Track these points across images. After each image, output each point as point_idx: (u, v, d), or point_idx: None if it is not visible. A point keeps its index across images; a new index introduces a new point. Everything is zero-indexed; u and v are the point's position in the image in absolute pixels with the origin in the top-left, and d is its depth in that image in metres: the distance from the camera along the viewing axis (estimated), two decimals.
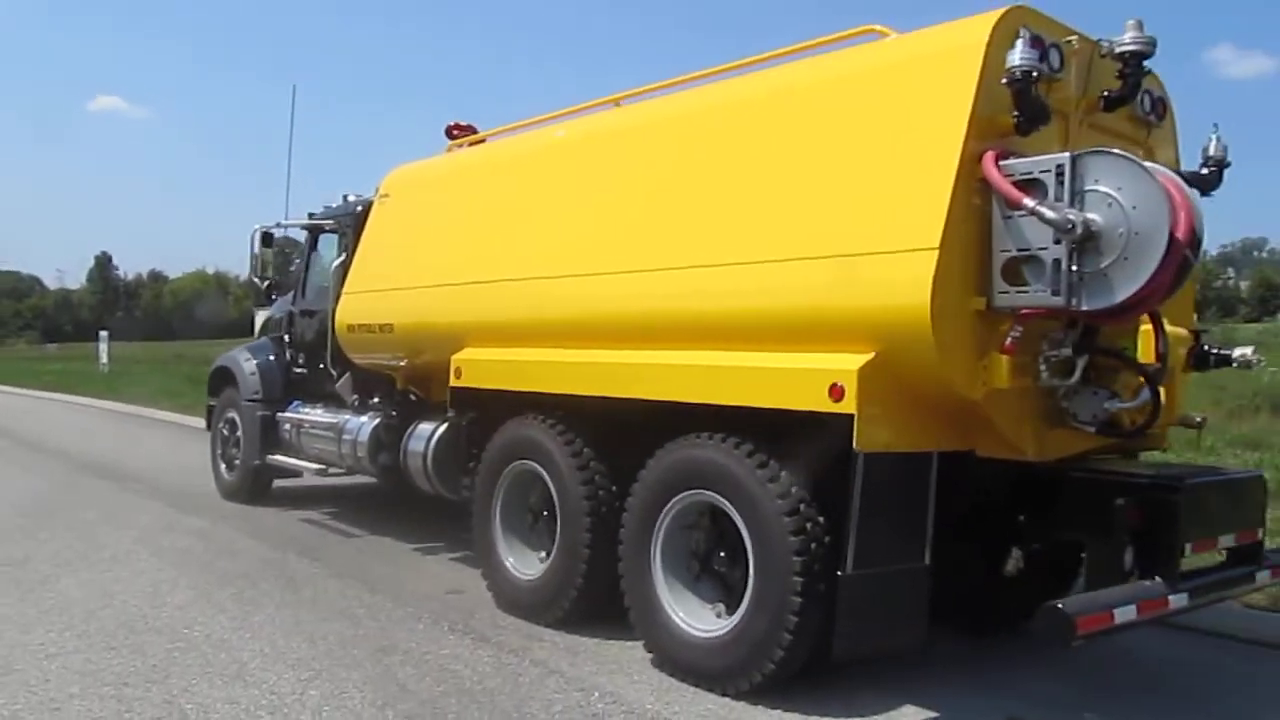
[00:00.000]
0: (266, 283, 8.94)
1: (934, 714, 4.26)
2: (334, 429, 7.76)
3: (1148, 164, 3.72)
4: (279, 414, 8.59)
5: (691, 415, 4.65)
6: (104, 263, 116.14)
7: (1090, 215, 3.69)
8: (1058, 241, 3.70)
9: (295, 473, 8.45)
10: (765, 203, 4.56)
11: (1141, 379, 4.20)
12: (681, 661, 4.59)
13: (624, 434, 5.09)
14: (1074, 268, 3.71)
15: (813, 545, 4.11)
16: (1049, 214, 3.67)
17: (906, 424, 4.08)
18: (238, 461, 9.13)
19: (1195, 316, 5.21)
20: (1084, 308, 3.73)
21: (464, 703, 4.26)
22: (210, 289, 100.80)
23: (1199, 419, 4.37)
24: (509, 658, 4.87)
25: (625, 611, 4.88)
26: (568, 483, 5.26)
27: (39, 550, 7.00)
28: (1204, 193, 4.98)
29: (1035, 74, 3.80)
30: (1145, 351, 4.30)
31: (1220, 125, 4.95)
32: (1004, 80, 3.85)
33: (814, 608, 4.08)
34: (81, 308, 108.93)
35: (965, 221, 3.88)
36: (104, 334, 37.01)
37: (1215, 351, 4.56)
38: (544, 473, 5.44)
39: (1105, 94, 4.44)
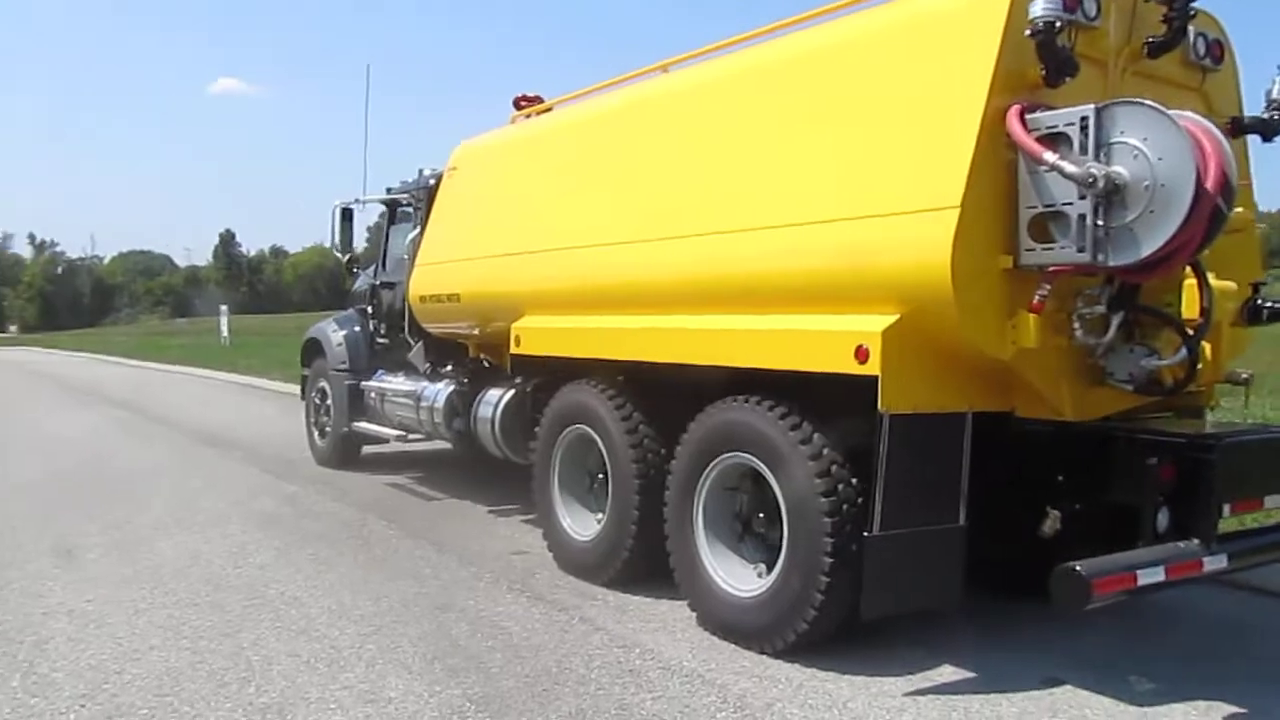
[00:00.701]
0: (348, 256, 9.30)
1: (971, 674, 4.26)
2: (413, 396, 8.06)
3: (1174, 112, 3.58)
4: (364, 383, 8.96)
5: (732, 379, 4.71)
6: (227, 240, 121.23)
7: (1116, 168, 3.59)
8: (1083, 197, 3.60)
9: (381, 439, 8.80)
10: (794, 166, 4.56)
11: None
12: (721, 620, 4.69)
13: (671, 399, 5.18)
14: (1100, 223, 3.62)
15: (845, 506, 4.14)
16: (1069, 168, 3.58)
17: (935, 385, 4.05)
18: (329, 429, 9.57)
19: (1262, 268, 4.99)
20: (1111, 264, 3.64)
21: (508, 657, 4.45)
22: (329, 262, 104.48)
23: (1244, 375, 4.19)
24: (559, 615, 5.05)
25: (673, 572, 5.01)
26: (618, 446, 5.39)
27: (141, 514, 7.50)
28: (1269, 137, 4.78)
29: (1058, 24, 3.69)
30: (1190, 306, 4.15)
31: None
32: (1027, 32, 3.74)
33: (846, 568, 4.11)
34: (208, 284, 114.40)
35: (991, 179, 3.82)
36: (224, 309, 38.86)
37: (1269, 305, 4.36)
38: (596, 437, 5.58)
39: (1149, 40, 4.27)
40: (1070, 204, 3.67)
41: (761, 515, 4.69)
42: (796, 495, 4.28)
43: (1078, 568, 3.44)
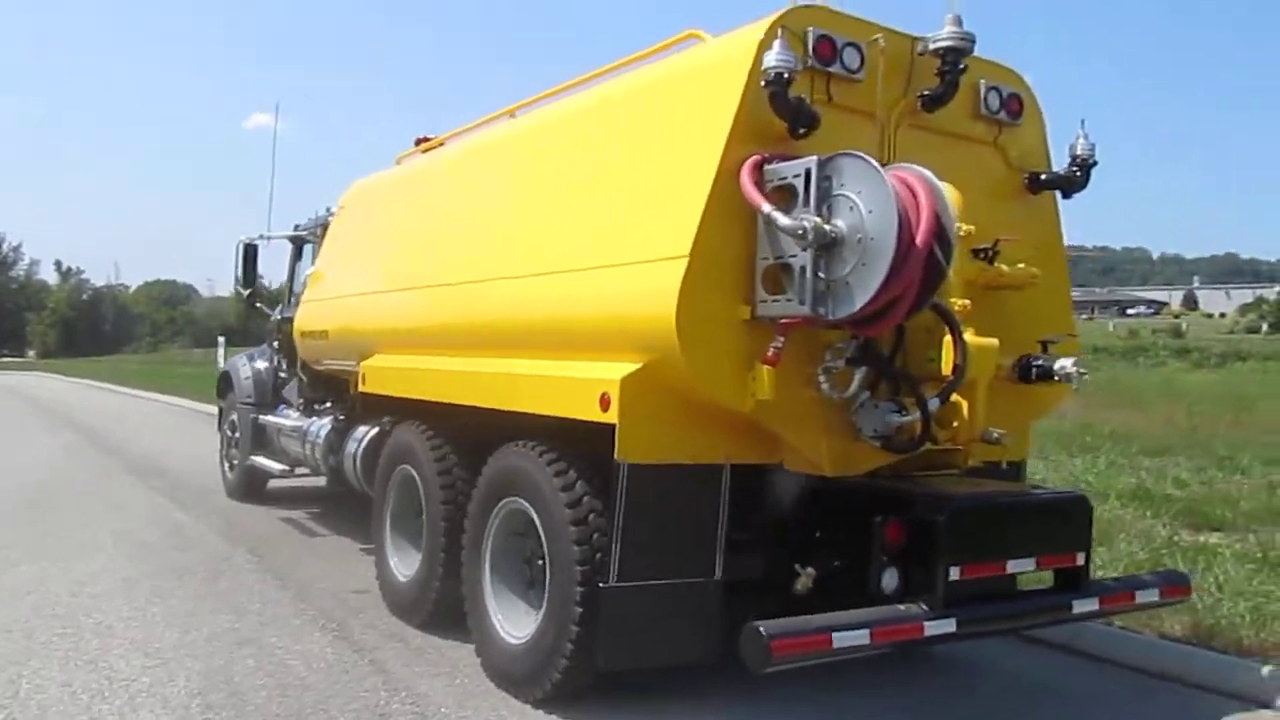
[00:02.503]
0: (249, 291, 9.39)
1: None
2: (299, 432, 8.09)
3: (881, 164, 3.57)
4: (263, 417, 9.00)
5: (521, 423, 4.69)
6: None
7: (836, 221, 3.57)
8: (805, 249, 3.59)
9: (271, 473, 8.81)
10: (571, 214, 4.62)
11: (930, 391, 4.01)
12: (496, 666, 4.63)
13: (482, 442, 5.16)
14: (821, 275, 3.60)
15: (597, 555, 4.09)
16: (782, 220, 3.58)
17: (685, 435, 4.01)
18: (236, 461, 9.60)
19: (1068, 322, 4.94)
20: (831, 316, 3.61)
21: (271, 695, 4.41)
22: None
23: (996, 435, 4.11)
24: (351, 656, 5.00)
25: None
26: (430, 487, 5.37)
27: (19, 538, 7.54)
28: (1069, 194, 4.76)
29: (787, 75, 3.69)
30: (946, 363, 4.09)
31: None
32: (761, 83, 3.76)
33: (594, 618, 4.05)
34: (229, 314, 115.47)
35: (727, 229, 3.81)
36: (221, 340, 39.16)
37: (1037, 365, 4.30)
38: (416, 477, 5.57)
39: (923, 94, 4.27)
40: (795, 256, 3.65)
41: (540, 562, 4.64)
42: (554, 541, 4.24)
43: (760, 627, 3.36)
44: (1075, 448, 11.98)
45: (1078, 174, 4.70)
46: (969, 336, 4.04)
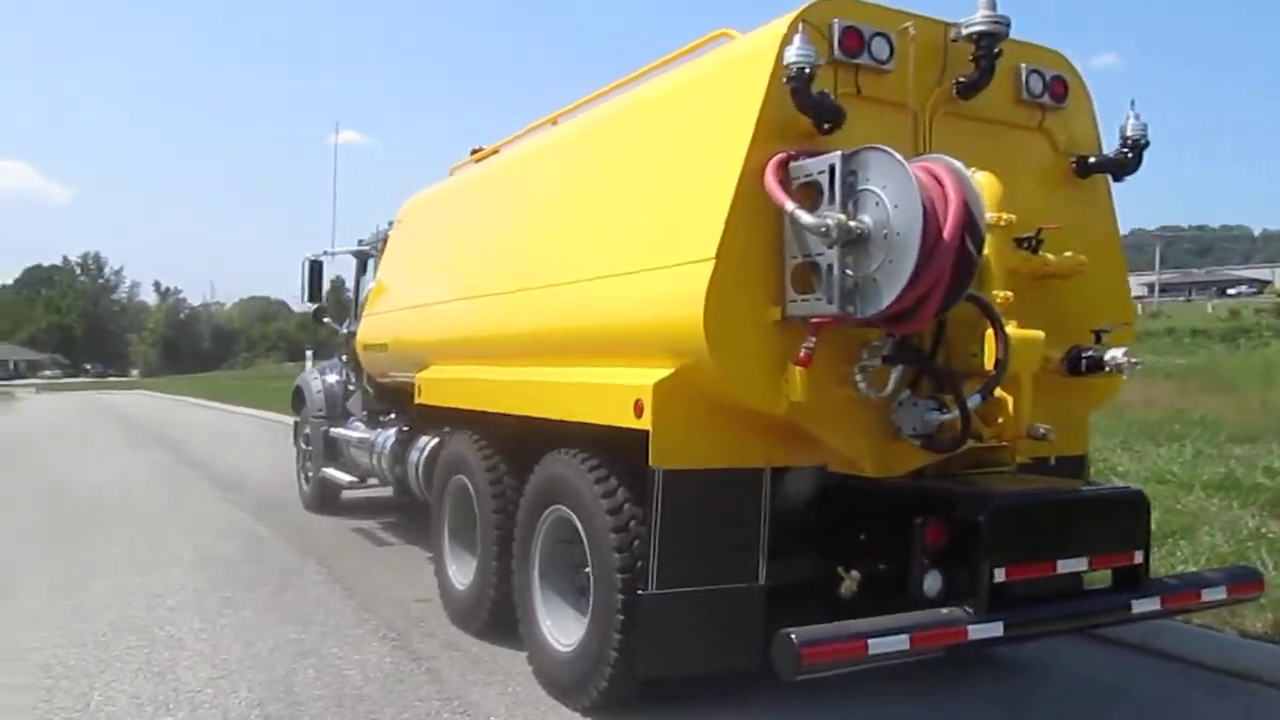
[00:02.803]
0: (316, 306, 9.60)
1: None
2: (367, 443, 8.25)
3: (907, 157, 3.47)
4: (333, 430, 9.20)
5: (566, 432, 4.70)
6: (338, 286, 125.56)
7: (863, 217, 3.49)
8: (831, 246, 3.51)
9: (341, 485, 9.00)
10: (610, 220, 4.61)
11: (970, 383, 3.88)
12: (546, 674, 4.65)
13: (531, 450, 5.18)
14: (850, 273, 3.52)
15: (638, 563, 4.06)
16: (805, 218, 3.50)
17: (720, 440, 3.96)
18: (310, 474, 9.84)
19: (1126, 311, 4.75)
20: (860, 315, 3.52)
21: (328, 706, 4.50)
22: None
23: (1043, 430, 3.94)
24: (408, 665, 5.07)
25: None
26: (483, 496, 5.42)
27: (101, 554, 7.83)
28: (1120, 176, 4.58)
29: (808, 70, 3.62)
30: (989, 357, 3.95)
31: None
32: (783, 79, 3.69)
33: (636, 625, 4.02)
34: (321, 328, 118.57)
35: (757, 229, 3.75)
36: (309, 353, 40.23)
37: (1087, 355, 4.12)
38: (470, 486, 5.62)
39: (959, 80, 4.15)
40: (822, 254, 3.58)
41: (586, 570, 4.64)
42: (596, 549, 4.24)
43: (791, 634, 3.28)
44: (1162, 436, 11.51)
45: (1129, 155, 4.52)
46: (1012, 329, 3.90)
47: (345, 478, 8.68)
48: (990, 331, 3.90)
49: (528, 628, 4.84)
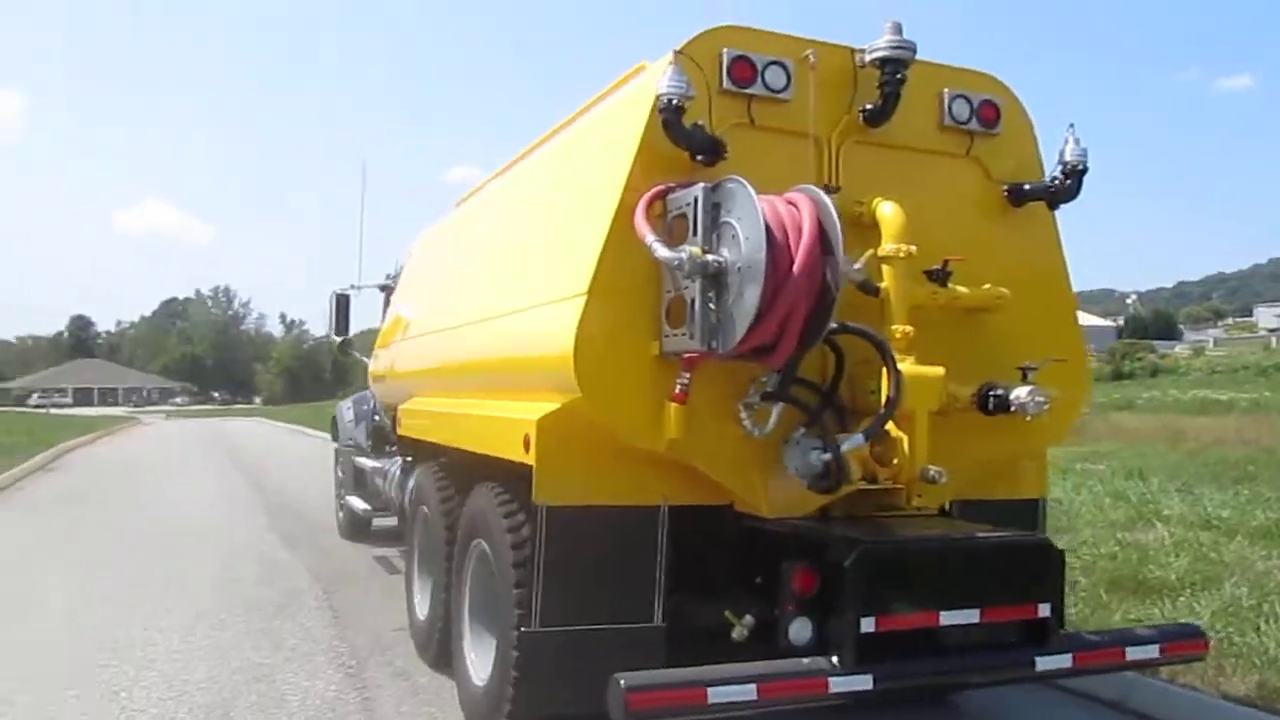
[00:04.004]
0: (341, 339, 9.88)
1: None
2: (381, 472, 8.42)
3: (802, 188, 3.39)
4: (358, 459, 9.43)
5: (492, 466, 4.71)
6: None
7: (722, 250, 3.42)
8: (687, 279, 3.45)
9: (363, 515, 9.19)
10: (521, 257, 4.66)
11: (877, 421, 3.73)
12: (466, 707, 4.64)
13: (470, 482, 5.20)
14: (711, 307, 3.44)
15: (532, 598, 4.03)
16: (661, 252, 3.45)
17: (612, 476, 3.90)
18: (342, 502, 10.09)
19: (1080, 342, 4.52)
20: (722, 350, 3.44)
21: (214, 693, 4.65)
22: None
23: (934, 473, 3.72)
24: (350, 694, 5.14)
25: None
26: (434, 527, 5.47)
27: (133, 574, 8.19)
28: (1057, 204, 4.37)
29: (676, 102, 3.57)
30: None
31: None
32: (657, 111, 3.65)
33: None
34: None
35: (634, 264, 3.70)
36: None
37: (995, 394, 3.91)
38: (429, 516, 5.69)
39: (864, 108, 4.03)
40: (687, 288, 3.51)
41: None
42: (500, 583, 4.22)
43: (621, 679, 3.18)
44: (1230, 479, 10.83)
45: (1067, 182, 4.30)
46: (908, 366, 3.74)
47: (361, 506, 8.87)
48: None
49: (456, 660, 4.85)
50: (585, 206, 4.01)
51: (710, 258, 3.39)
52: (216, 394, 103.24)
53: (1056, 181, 4.30)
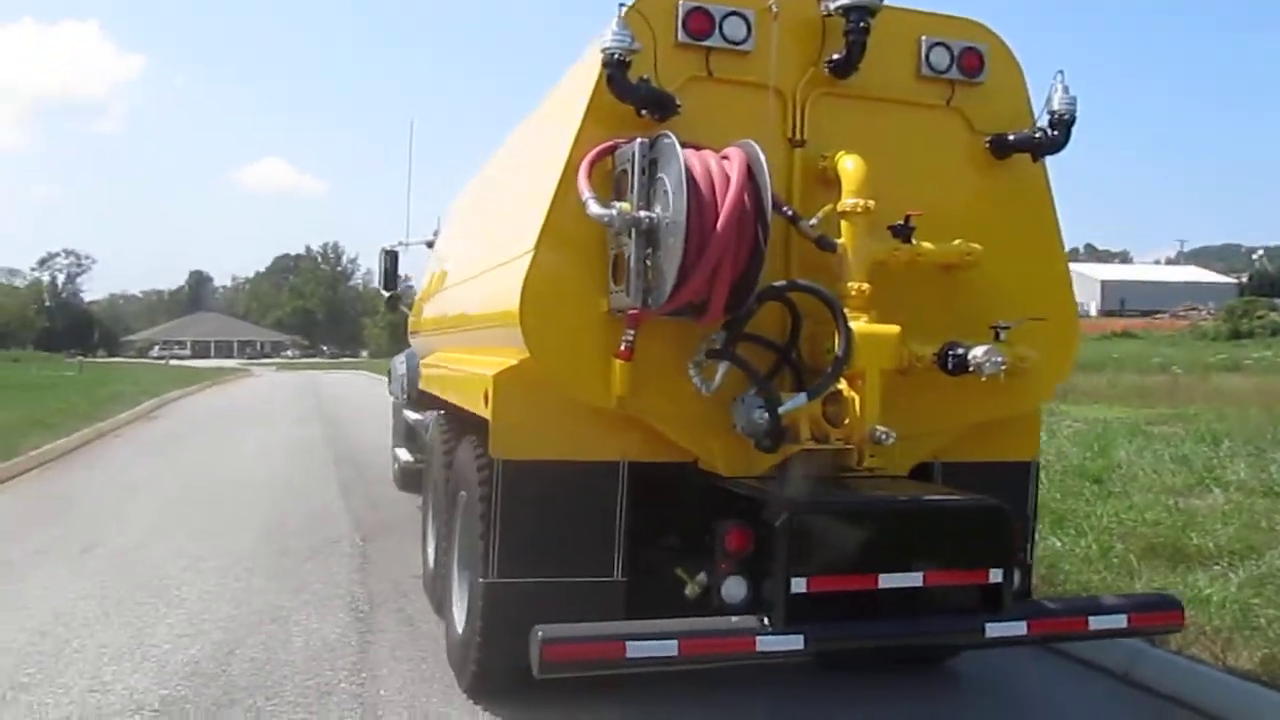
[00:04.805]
0: (390, 294, 10.10)
1: None
2: (424, 425, 8.64)
3: (777, 142, 3.33)
4: (406, 411, 9.68)
5: (475, 420, 4.80)
6: None
7: (656, 206, 3.39)
8: (618, 235, 3.43)
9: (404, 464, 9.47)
10: (503, 217, 4.67)
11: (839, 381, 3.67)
12: (449, 653, 4.78)
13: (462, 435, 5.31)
14: (647, 264, 3.42)
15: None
16: (593, 209, 3.44)
17: (571, 432, 3.93)
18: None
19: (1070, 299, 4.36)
20: (655, 307, 3.42)
21: (250, 668, 4.82)
22: None
23: (881, 433, 3.61)
24: (351, 637, 5.35)
25: None
26: (436, 477, 5.62)
27: (195, 518, 8.64)
28: (1042, 154, 4.19)
29: (619, 56, 3.53)
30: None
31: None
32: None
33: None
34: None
35: (581, 222, 3.68)
36: None
37: (954, 354, 3.77)
38: (433, 466, 5.84)
39: (830, 59, 3.92)
40: (626, 245, 3.50)
41: None
42: (470, 534, 4.31)
43: (540, 630, 3.23)
44: None
45: (1053, 133, 4.10)
46: (861, 324, 3.66)
47: (407, 457, 9.13)
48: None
49: (444, 609, 4.99)
50: (542, 166, 4.02)
51: (643, 214, 3.37)
52: (325, 347, 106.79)
53: (1042, 133, 4.11)
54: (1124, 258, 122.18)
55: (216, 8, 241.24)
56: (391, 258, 9.84)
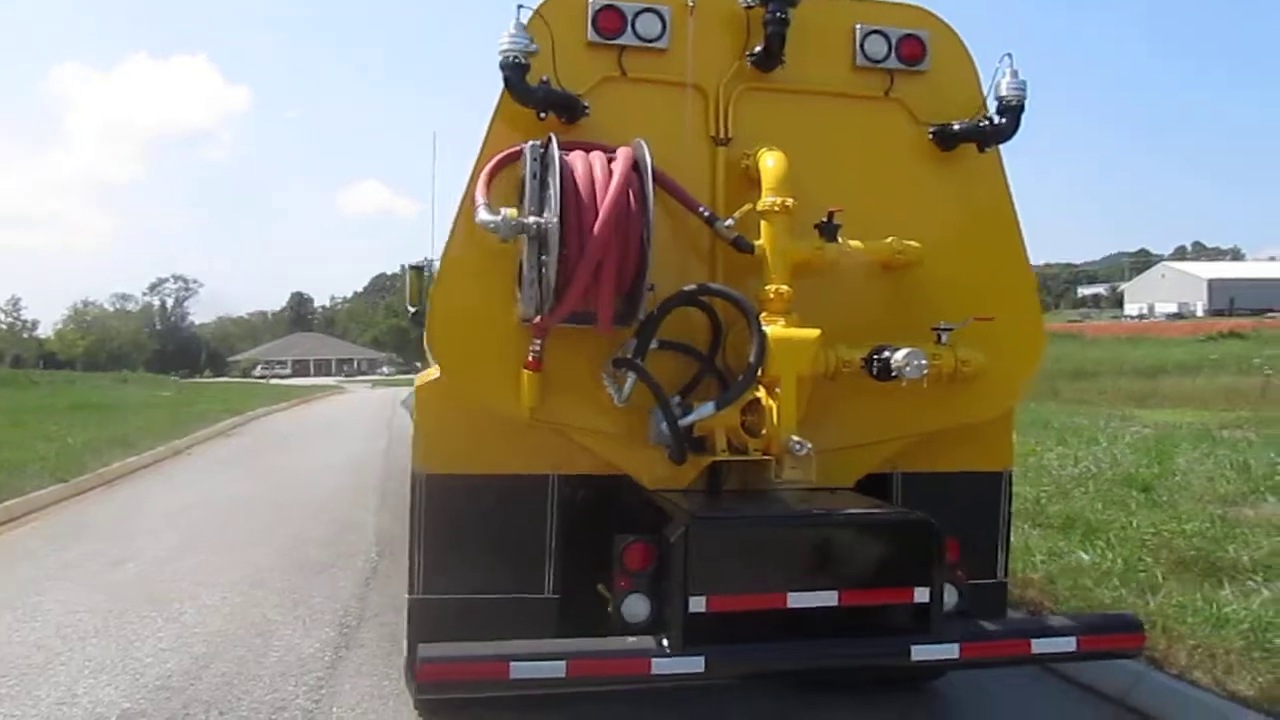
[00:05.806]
0: (414, 310, 10.11)
1: None
2: None
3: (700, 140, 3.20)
4: None
5: None
6: None
7: (545, 212, 3.28)
8: (505, 242, 3.34)
9: None
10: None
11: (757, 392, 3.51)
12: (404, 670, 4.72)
13: None
14: (543, 271, 3.32)
15: None
16: (481, 215, 3.34)
17: (496, 446, 3.86)
18: None
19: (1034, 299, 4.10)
20: (546, 316, 3.31)
21: (222, 682, 4.88)
22: None
23: (796, 444, 3.38)
24: (326, 652, 5.37)
25: None
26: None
27: (223, 531, 8.84)
28: (989, 144, 3.96)
29: (514, 59, 3.44)
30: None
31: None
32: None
33: None
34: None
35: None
36: None
37: (878, 358, 3.55)
38: None
39: (750, 53, 3.77)
40: (522, 254, 3.40)
41: None
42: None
43: (421, 649, 3.13)
44: None
45: (1001, 120, 3.86)
46: (776, 329, 3.48)
47: None
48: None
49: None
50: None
51: (531, 219, 3.27)
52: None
53: (988, 121, 3.87)
54: (1235, 254, 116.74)
55: (314, 39, 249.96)
56: (419, 274, 9.88)
